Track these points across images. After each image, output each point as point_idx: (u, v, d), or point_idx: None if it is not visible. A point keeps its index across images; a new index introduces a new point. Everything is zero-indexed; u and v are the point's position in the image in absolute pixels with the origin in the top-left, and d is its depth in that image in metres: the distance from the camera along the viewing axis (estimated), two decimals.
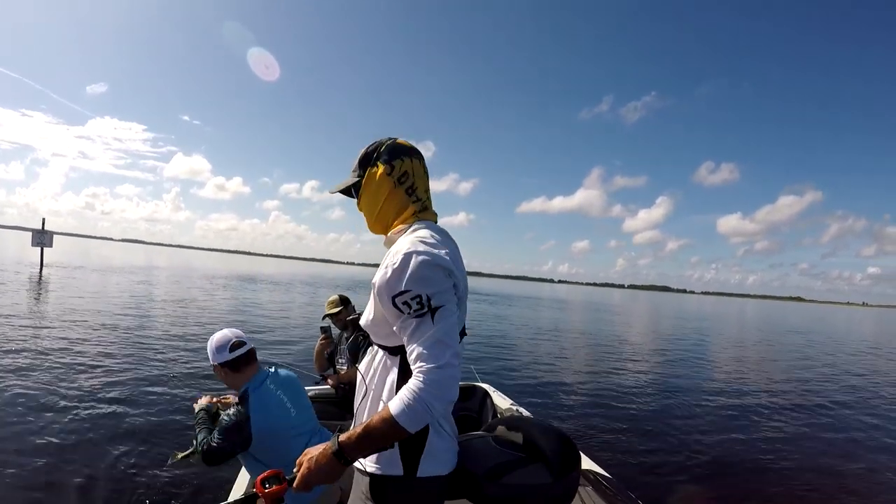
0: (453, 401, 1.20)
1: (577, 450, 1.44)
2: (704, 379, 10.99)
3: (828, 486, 5.22)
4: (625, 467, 5.14)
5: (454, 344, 1.21)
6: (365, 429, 1.19)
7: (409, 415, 1.14)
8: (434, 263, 1.22)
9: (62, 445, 4.63)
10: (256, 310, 18.03)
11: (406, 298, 1.21)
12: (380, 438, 1.18)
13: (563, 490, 1.35)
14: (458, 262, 1.35)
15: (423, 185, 1.45)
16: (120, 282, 24.65)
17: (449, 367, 1.17)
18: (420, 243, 1.26)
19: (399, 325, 1.25)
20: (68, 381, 6.56)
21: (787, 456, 6.03)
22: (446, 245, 1.31)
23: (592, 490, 2.81)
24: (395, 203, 1.43)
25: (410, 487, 1.34)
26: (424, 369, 1.16)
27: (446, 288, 1.23)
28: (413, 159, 1.43)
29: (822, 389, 10.70)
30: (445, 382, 1.16)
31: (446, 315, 1.21)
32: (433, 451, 1.35)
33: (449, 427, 1.42)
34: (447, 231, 1.45)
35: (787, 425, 7.48)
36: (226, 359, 2.32)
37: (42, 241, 25.78)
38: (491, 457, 1.42)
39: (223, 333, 2.39)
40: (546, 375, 9.82)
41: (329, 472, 1.22)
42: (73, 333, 9.90)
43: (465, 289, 1.37)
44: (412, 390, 1.15)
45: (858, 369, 14.56)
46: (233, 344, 2.31)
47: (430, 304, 1.20)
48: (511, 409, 3.99)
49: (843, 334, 32.13)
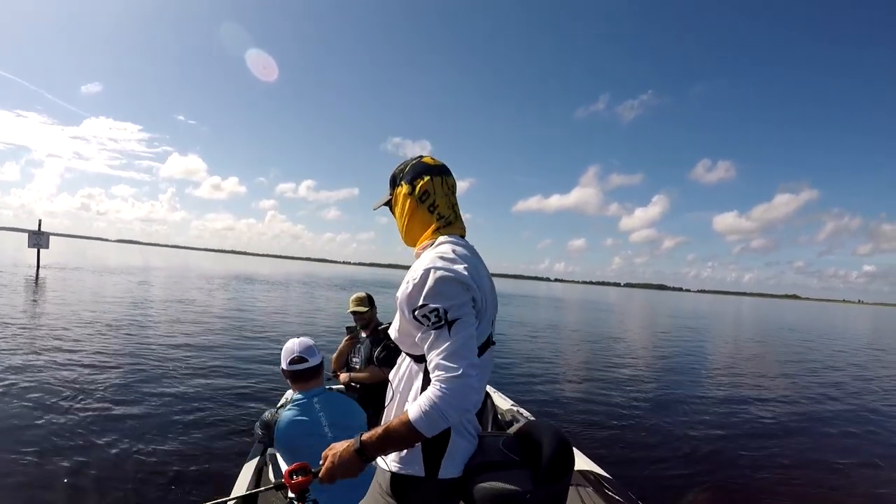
0: (469, 409, 1.26)
1: (572, 458, 1.42)
2: (701, 377, 11.05)
3: (826, 481, 5.26)
4: (624, 467, 5.15)
5: (470, 355, 1.26)
6: (385, 430, 1.29)
7: (425, 420, 1.22)
8: (451, 278, 1.30)
9: (64, 446, 4.67)
10: (255, 309, 18.05)
11: (425, 312, 1.28)
12: (399, 440, 1.28)
13: (546, 498, 1.33)
14: (480, 275, 1.42)
15: (445, 202, 1.52)
16: (118, 283, 24.61)
17: (464, 377, 1.22)
18: (439, 259, 1.34)
19: (420, 336, 1.33)
20: (72, 381, 6.61)
21: (785, 452, 6.09)
22: (466, 260, 1.38)
23: (592, 490, 2.83)
24: (418, 220, 1.53)
25: (430, 488, 1.39)
26: (441, 378, 1.23)
27: (463, 301, 1.30)
28: (435, 177, 1.52)
29: (817, 386, 10.83)
30: (460, 391, 1.22)
31: (463, 327, 1.27)
32: (454, 453, 1.39)
33: (472, 428, 1.46)
34: (472, 245, 1.54)
35: (784, 421, 7.55)
36: (287, 368, 2.44)
37: (39, 243, 25.69)
38: (488, 456, 1.43)
39: (292, 344, 2.48)
40: (545, 375, 9.86)
41: (350, 467, 1.33)
42: (75, 335, 9.93)
43: (490, 301, 1.46)
44: (429, 397, 1.23)
45: (853, 366, 14.71)
46: (293, 359, 2.41)
47: (447, 317, 1.27)
48: (512, 409, 4.02)
49: (838, 332, 32.37)
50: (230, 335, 11.77)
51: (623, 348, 15.31)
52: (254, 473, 2.83)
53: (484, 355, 1.43)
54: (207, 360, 8.81)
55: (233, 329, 12.83)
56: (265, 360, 9.07)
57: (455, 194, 1.58)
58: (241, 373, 8.08)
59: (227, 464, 4.34)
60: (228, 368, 8.29)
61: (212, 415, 5.88)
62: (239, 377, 7.79)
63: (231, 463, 4.21)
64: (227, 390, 6.98)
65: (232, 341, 10.93)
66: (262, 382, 7.53)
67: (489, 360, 1.51)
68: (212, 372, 7.96)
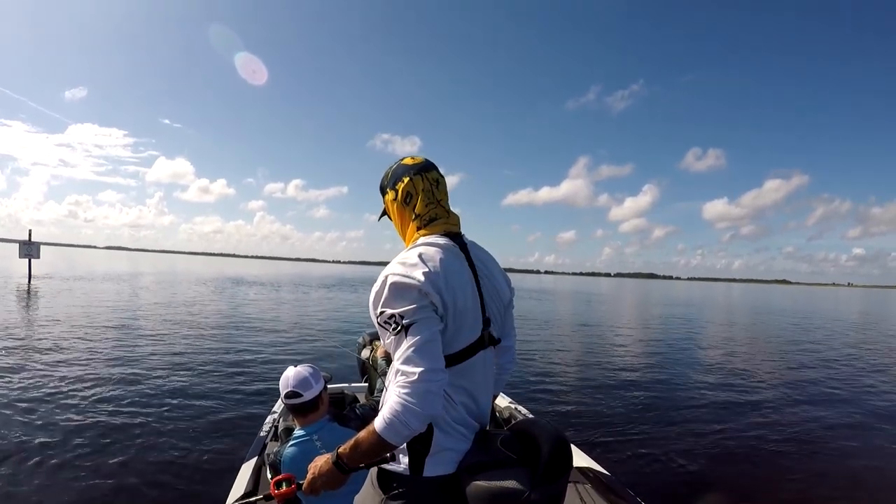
0: (431, 414, 1.24)
1: (570, 456, 1.38)
2: (697, 368, 10.86)
3: (827, 472, 5.20)
4: (622, 463, 5.08)
5: (429, 359, 1.24)
6: (356, 441, 1.31)
7: (388, 429, 1.23)
8: (405, 284, 1.29)
9: (64, 447, 4.84)
10: (248, 311, 18.03)
11: (385, 318, 1.30)
12: (369, 450, 1.30)
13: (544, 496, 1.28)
14: (453, 276, 1.37)
15: (425, 199, 1.49)
16: (109, 290, 24.46)
17: (421, 382, 1.21)
18: (398, 265, 1.34)
19: (386, 342, 1.35)
20: (70, 386, 6.79)
21: (785, 442, 6.02)
22: (430, 263, 1.34)
23: (591, 487, 2.80)
24: (406, 223, 1.54)
25: (415, 485, 1.38)
26: (399, 384, 1.24)
27: (419, 306, 1.28)
28: (415, 177, 1.50)
29: (811, 370, 10.97)
30: (418, 397, 1.20)
31: (419, 332, 1.26)
32: (440, 451, 1.37)
33: (464, 426, 1.42)
34: (462, 242, 1.49)
35: (782, 411, 7.47)
36: (284, 401, 2.32)
37: (30, 253, 25.62)
38: (485, 454, 1.39)
39: (287, 376, 2.30)
40: (540, 371, 9.70)
41: (330, 479, 1.37)
42: (72, 343, 10.00)
43: (469, 301, 1.41)
44: (390, 405, 1.23)
45: (840, 347, 15.02)
46: (287, 393, 2.26)
47: (402, 322, 1.27)
48: (510, 406, 3.98)
49: (827, 314, 32.65)
50: (224, 337, 11.85)
51: (617, 341, 15.13)
52: (252, 473, 2.77)
53: (475, 357, 1.41)
54: (203, 362, 8.92)
55: (226, 331, 12.91)
56: (260, 361, 9.22)
57: (441, 188, 1.53)
58: (237, 374, 8.17)
59: (226, 464, 4.39)
60: (224, 370, 8.39)
61: (210, 415, 5.99)
62: (234, 378, 7.87)
63: (231, 463, 4.19)
64: (223, 391, 7.07)
65: (226, 344, 10.99)
66: (258, 383, 7.63)
67: (483, 361, 1.46)
68: (207, 374, 8.07)
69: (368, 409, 2.59)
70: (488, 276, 1.51)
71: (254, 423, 5.01)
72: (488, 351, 1.48)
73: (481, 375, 1.47)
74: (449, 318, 1.34)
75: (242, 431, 5.37)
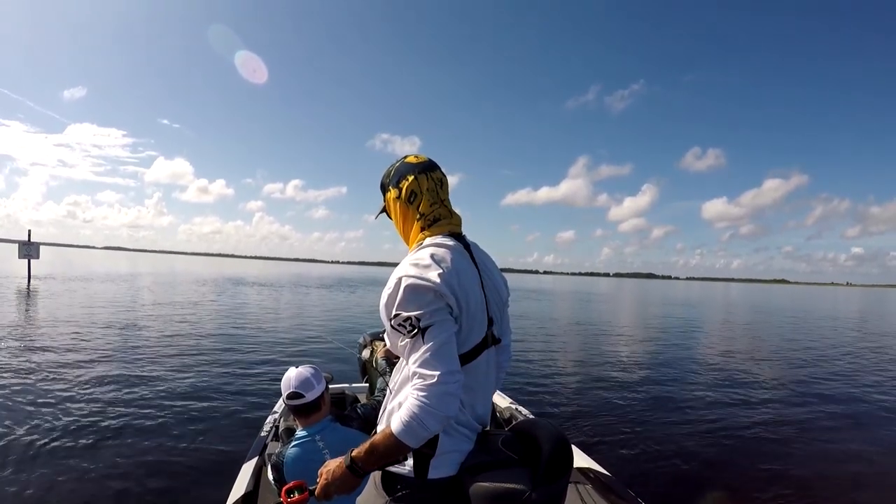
0: (449, 416, 1.24)
1: (571, 457, 1.38)
2: (696, 369, 10.80)
3: (828, 472, 5.19)
4: (623, 464, 5.06)
5: (447, 361, 1.24)
6: (371, 444, 1.30)
7: (406, 431, 1.22)
8: (421, 286, 1.28)
9: (65, 447, 4.84)
10: (248, 311, 18.04)
11: (399, 321, 1.29)
12: (385, 452, 1.29)
13: (545, 496, 1.28)
14: (464, 276, 1.37)
15: (429, 198, 1.48)
16: (108, 291, 24.44)
17: (440, 384, 1.21)
18: (412, 266, 1.32)
19: (400, 345, 1.34)
20: (71, 387, 6.78)
21: (785, 442, 6.00)
22: (445, 264, 1.34)
23: (591, 488, 2.79)
24: (409, 223, 1.51)
25: (420, 487, 1.38)
26: (417, 386, 1.23)
27: (436, 308, 1.27)
28: (419, 175, 1.49)
29: (810, 370, 10.97)
30: (438, 399, 1.20)
31: (436, 334, 1.25)
32: (444, 453, 1.36)
33: (467, 427, 1.42)
34: (466, 242, 1.50)
35: (782, 411, 7.46)
36: (285, 401, 2.29)
37: (29, 253, 25.64)
38: (486, 455, 1.39)
39: (289, 377, 2.26)
40: (540, 371, 9.67)
41: (344, 483, 1.35)
42: (73, 343, 10.02)
43: (479, 302, 1.41)
44: (408, 408, 1.23)
45: (840, 345, 15.00)
46: (289, 394, 2.23)
47: (419, 325, 1.26)
48: (510, 407, 3.98)
49: (825, 313, 32.54)
50: (224, 338, 11.86)
51: (616, 341, 15.08)
52: (253, 473, 2.76)
53: (479, 357, 1.41)
54: (202, 362, 8.94)
55: (226, 331, 12.93)
56: (260, 362, 9.23)
57: (444, 188, 1.53)
58: (237, 374, 8.18)
59: (227, 464, 4.35)
60: (223, 370, 8.40)
61: (210, 416, 6.00)
62: (234, 378, 7.87)
63: (230, 463, 4.15)
64: (223, 392, 7.09)
65: (226, 344, 11.00)
66: (258, 383, 7.64)
67: (486, 360, 1.46)
68: (207, 374, 8.07)
69: (369, 409, 2.59)
70: (489, 275, 1.51)
71: (254, 423, 5.03)
72: (491, 350, 1.48)
73: (484, 375, 1.47)
74: (462, 319, 1.35)
75: (243, 432, 5.38)
